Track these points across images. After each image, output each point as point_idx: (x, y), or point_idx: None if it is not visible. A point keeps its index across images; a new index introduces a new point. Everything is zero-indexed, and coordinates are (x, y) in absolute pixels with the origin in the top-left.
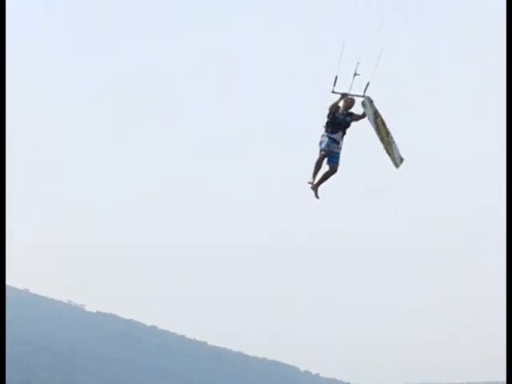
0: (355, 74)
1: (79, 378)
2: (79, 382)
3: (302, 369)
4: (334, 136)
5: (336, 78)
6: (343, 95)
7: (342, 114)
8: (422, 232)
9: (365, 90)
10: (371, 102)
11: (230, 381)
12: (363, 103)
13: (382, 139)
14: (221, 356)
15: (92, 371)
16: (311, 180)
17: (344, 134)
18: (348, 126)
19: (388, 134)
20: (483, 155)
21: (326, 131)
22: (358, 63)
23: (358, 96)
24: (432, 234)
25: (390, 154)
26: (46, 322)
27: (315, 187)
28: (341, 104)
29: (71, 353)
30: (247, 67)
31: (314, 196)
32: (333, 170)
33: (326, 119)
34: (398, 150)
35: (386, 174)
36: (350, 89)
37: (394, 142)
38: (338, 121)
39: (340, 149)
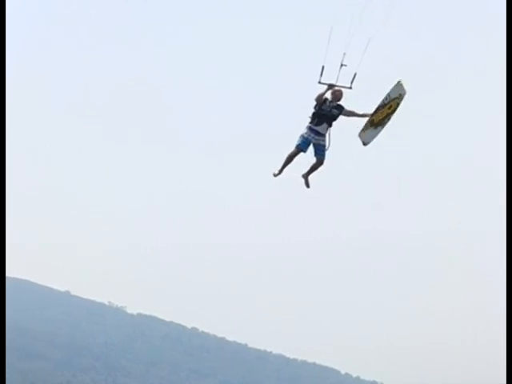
0: (342, 65)
1: (120, 380)
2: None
3: (343, 371)
4: (318, 128)
5: (323, 67)
6: (330, 86)
7: (329, 106)
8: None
9: (352, 81)
10: (401, 91)
11: (269, 383)
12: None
13: (387, 117)
14: (261, 358)
15: (132, 373)
16: (276, 172)
17: (329, 126)
18: (334, 118)
19: (381, 106)
20: (482, 157)
21: (311, 122)
22: (345, 54)
23: (345, 87)
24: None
25: (391, 108)
26: (86, 323)
27: (305, 177)
28: (329, 96)
29: (112, 355)
30: (243, 67)
31: (304, 184)
32: (319, 162)
33: (313, 110)
34: (391, 91)
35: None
36: (337, 80)
37: (385, 101)
38: (324, 113)
39: (325, 141)
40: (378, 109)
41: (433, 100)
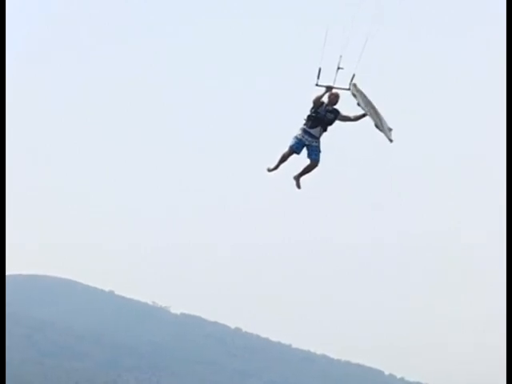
0: (338, 68)
1: (164, 380)
2: (163, 383)
3: (387, 372)
4: (312, 131)
5: (320, 70)
6: (328, 88)
7: (325, 109)
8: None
9: (350, 83)
10: (357, 90)
11: None
12: (353, 95)
13: (376, 124)
14: (305, 359)
15: (176, 373)
16: (271, 167)
17: (324, 130)
18: (330, 123)
19: (373, 107)
20: (482, 157)
21: (305, 124)
22: (341, 57)
23: (343, 89)
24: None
25: (381, 129)
26: (130, 323)
27: (297, 179)
28: (326, 99)
29: (156, 354)
30: (243, 67)
31: (295, 186)
32: (314, 164)
33: (308, 112)
34: (386, 123)
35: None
36: (335, 82)
37: (379, 114)
38: (319, 116)
39: (319, 143)
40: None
41: (432, 100)
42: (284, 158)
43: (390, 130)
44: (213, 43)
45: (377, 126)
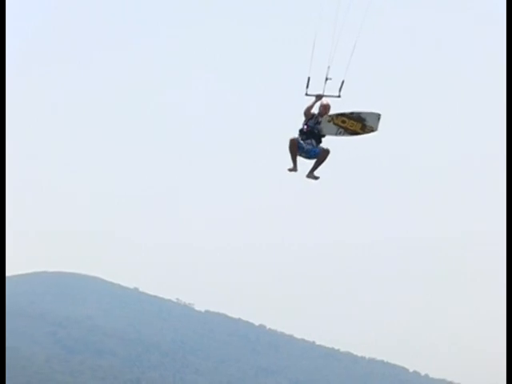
0: (327, 79)
1: (188, 377)
2: (188, 380)
3: (411, 369)
4: (306, 142)
5: (309, 79)
6: (318, 97)
7: (315, 121)
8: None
9: (340, 89)
10: (329, 121)
11: (337, 381)
12: (323, 135)
13: (355, 132)
14: (329, 356)
15: (200, 370)
16: (291, 167)
17: (318, 142)
18: (323, 135)
19: (356, 118)
20: (482, 160)
21: (299, 137)
22: (329, 67)
23: (333, 96)
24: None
25: (364, 129)
26: (154, 320)
27: (311, 174)
28: (316, 110)
29: (180, 352)
30: (243, 67)
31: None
32: (325, 155)
33: (301, 126)
34: (370, 114)
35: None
36: (324, 92)
37: (362, 115)
38: (309, 129)
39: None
40: (357, 120)
41: (433, 101)
42: (293, 153)
43: (379, 117)
44: (213, 43)
45: (355, 134)
